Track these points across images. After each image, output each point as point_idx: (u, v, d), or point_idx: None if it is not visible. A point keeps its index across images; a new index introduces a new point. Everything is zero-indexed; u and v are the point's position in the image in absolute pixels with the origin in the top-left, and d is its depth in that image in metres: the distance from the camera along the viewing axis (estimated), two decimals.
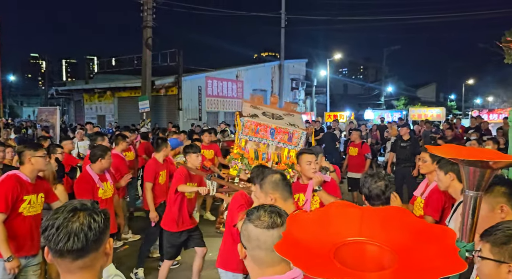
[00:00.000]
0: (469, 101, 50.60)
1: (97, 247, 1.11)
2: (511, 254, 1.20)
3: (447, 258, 0.70)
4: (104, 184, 3.82)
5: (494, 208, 1.67)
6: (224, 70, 22.02)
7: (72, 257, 1.07)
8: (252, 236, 1.24)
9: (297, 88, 26.28)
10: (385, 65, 41.28)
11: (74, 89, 24.40)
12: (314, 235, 0.80)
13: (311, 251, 0.75)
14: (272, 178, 2.10)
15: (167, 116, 18.61)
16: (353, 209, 0.88)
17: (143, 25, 15.38)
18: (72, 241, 1.05)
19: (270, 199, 2.04)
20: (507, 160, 1.45)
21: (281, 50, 23.65)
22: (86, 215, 1.09)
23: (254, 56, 62.48)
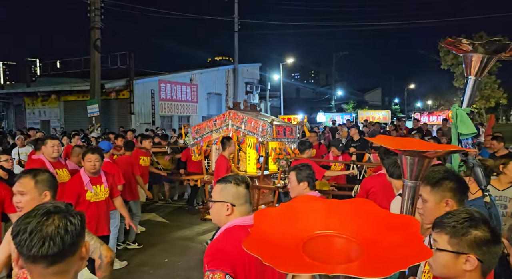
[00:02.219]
0: (412, 104, 54.02)
1: (74, 251, 1.04)
2: (469, 244, 1.23)
3: (412, 246, 0.73)
4: (96, 187, 3.75)
5: (441, 201, 1.75)
6: (178, 74, 21.64)
7: (46, 262, 0.99)
8: (241, 194, 1.82)
9: (252, 92, 26.48)
10: (334, 70, 42.91)
11: (14, 92, 22.67)
12: (281, 230, 0.80)
13: (279, 246, 0.74)
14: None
15: (118, 120, 17.88)
16: (319, 202, 0.89)
17: (90, 26, 14.71)
18: (47, 246, 0.98)
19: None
20: (444, 150, 1.56)
21: (235, 54, 23.73)
22: (62, 218, 1.02)
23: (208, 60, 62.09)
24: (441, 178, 1.77)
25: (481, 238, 1.23)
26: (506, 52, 2.03)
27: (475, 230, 1.24)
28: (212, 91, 23.59)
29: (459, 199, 1.77)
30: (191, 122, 21.20)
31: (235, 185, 1.81)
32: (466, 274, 1.24)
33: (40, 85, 22.24)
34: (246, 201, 1.84)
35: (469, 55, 2.06)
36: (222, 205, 1.80)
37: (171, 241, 5.96)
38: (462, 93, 2.27)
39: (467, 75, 2.14)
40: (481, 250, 1.23)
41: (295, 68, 77.96)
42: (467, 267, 1.23)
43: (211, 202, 1.85)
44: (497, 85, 33.16)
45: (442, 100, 42.08)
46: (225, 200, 1.80)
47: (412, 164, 1.33)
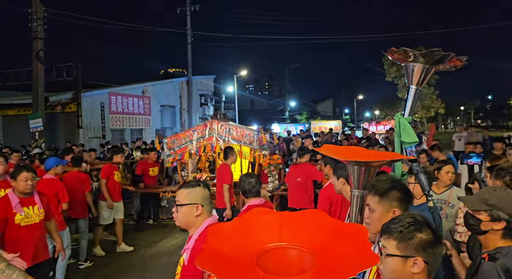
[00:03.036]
0: (361, 114, 56.69)
1: None
2: (416, 247, 1.29)
3: (361, 254, 0.75)
4: (28, 209, 3.38)
5: (388, 211, 1.79)
6: (129, 86, 21.00)
7: None
8: (206, 195, 2.04)
9: (206, 104, 26.36)
10: (287, 82, 44.00)
11: None
12: (234, 244, 0.79)
13: (233, 261, 0.73)
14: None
15: (64, 135, 16.92)
16: (272, 215, 0.90)
17: (32, 36, 13.89)
18: None
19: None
20: (388, 159, 1.62)
21: (189, 66, 23.56)
22: None
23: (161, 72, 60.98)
24: (389, 188, 1.81)
25: (426, 240, 1.29)
26: (444, 63, 2.15)
27: (420, 233, 1.30)
28: (166, 103, 23.16)
29: (405, 208, 1.82)
30: (144, 136, 20.60)
31: (202, 188, 2.04)
32: (414, 277, 1.28)
33: None
34: (210, 201, 2.09)
35: (411, 65, 2.15)
36: (192, 207, 1.99)
37: (128, 261, 5.68)
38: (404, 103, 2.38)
39: (409, 85, 2.22)
40: (426, 252, 1.28)
41: (249, 80, 78.91)
42: (415, 269, 1.27)
43: (180, 206, 2.00)
44: (435, 96, 35.78)
45: (388, 110, 44.61)
46: (195, 202, 1.99)
47: (358, 173, 1.36)
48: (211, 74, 28.78)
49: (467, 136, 10.54)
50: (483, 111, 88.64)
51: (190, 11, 22.47)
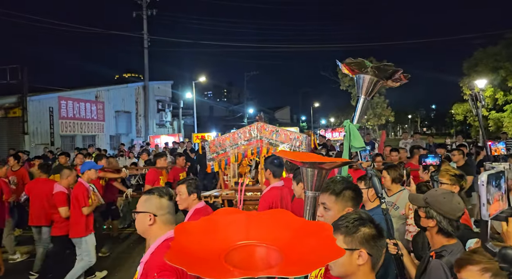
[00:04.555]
0: (317, 121, 58.34)
1: None
2: (360, 240, 1.39)
3: (326, 247, 0.78)
4: None
5: (343, 209, 1.90)
6: (81, 90, 20.08)
7: None
8: (163, 205, 1.95)
9: (164, 110, 25.82)
10: (246, 89, 44.33)
11: None
12: (202, 242, 0.79)
13: (201, 258, 0.74)
14: None
15: (8, 141, 15.78)
16: (239, 214, 0.91)
17: None
18: None
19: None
20: (339, 162, 1.73)
21: (145, 71, 23.00)
22: None
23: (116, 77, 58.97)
24: (344, 188, 1.93)
25: (369, 233, 1.41)
26: (391, 80, 2.35)
27: (363, 228, 1.41)
28: (121, 109, 22.42)
29: (357, 207, 1.96)
30: (97, 142, 19.77)
31: (158, 196, 1.95)
32: (359, 269, 1.37)
33: None
34: (168, 211, 1.96)
35: (362, 77, 2.34)
36: (145, 215, 1.91)
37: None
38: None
39: (358, 95, 2.42)
40: (369, 245, 1.39)
41: (208, 87, 78.53)
42: (360, 261, 1.37)
43: (135, 213, 1.95)
44: (386, 104, 37.71)
45: (342, 117, 46.29)
46: (148, 211, 1.91)
47: (312, 175, 1.44)
48: (169, 80, 28.30)
49: (412, 143, 11.19)
50: (428, 119, 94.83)
51: (147, 15, 22.02)
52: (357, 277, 1.37)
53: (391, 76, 2.31)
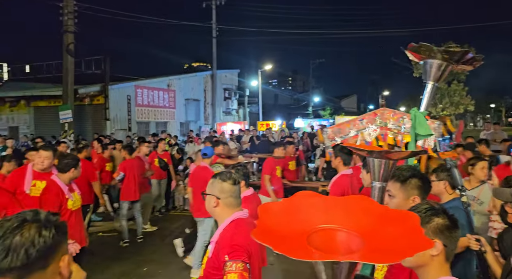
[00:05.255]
0: None
1: (44, 266, 0.95)
2: (434, 230, 1.33)
3: (413, 238, 0.75)
4: (73, 195, 3.64)
5: (408, 198, 1.85)
6: (155, 79, 21.36)
7: (12, 275, 0.92)
8: (225, 189, 2.01)
9: (230, 98, 26.49)
10: (311, 77, 43.58)
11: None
12: (284, 222, 0.81)
13: (285, 238, 0.75)
14: None
15: (92, 126, 17.43)
16: (317, 198, 0.91)
17: (63, 30, 14.32)
18: (10, 258, 0.90)
19: None
20: (407, 152, 1.64)
21: (213, 60, 23.70)
22: (33, 228, 0.95)
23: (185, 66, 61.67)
24: (410, 175, 1.87)
25: (442, 224, 1.35)
26: (462, 63, 2.16)
27: (437, 218, 1.36)
28: (190, 97, 23.44)
29: (424, 197, 1.88)
30: (169, 129, 20.95)
31: (220, 181, 2.04)
32: (433, 259, 1.32)
33: (8, 90, 21.41)
34: (231, 195, 2.04)
35: (429, 62, 2.19)
36: (210, 197, 2.03)
37: (149, 251, 5.84)
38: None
39: (426, 81, 2.27)
40: (444, 235, 1.33)
41: (273, 75, 78.73)
42: (434, 252, 1.31)
43: (204, 195, 2.08)
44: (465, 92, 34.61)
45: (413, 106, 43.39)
46: (212, 193, 2.02)
47: (379, 165, 1.39)
48: (235, 68, 28.86)
49: (491, 134, 10.19)
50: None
51: (216, 5, 22.56)
52: (431, 268, 1.32)
53: (461, 59, 2.13)
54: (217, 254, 1.83)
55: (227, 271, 1.74)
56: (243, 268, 1.73)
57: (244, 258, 1.78)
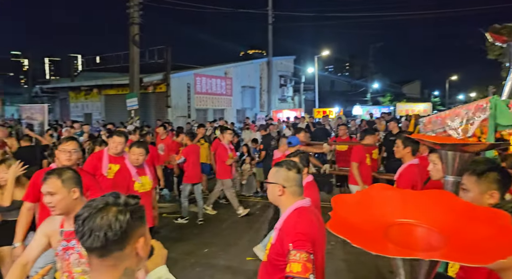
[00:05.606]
0: (453, 97, 51.60)
1: (121, 247, 1.04)
2: None
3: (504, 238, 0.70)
4: (142, 178, 3.91)
5: (485, 192, 1.71)
6: (212, 67, 21.89)
7: (94, 254, 1.03)
8: (291, 177, 2.02)
9: (286, 85, 26.33)
10: (370, 62, 41.70)
11: (60, 87, 23.89)
12: (359, 215, 0.80)
13: (360, 230, 0.75)
14: None
15: (155, 113, 18.41)
16: (394, 191, 0.89)
17: (129, 22, 15.11)
18: (92, 239, 1.00)
19: None
20: (485, 144, 1.49)
21: (269, 47, 23.63)
22: (112, 212, 1.03)
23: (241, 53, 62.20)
24: (488, 169, 1.73)
25: None
26: None
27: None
28: (246, 84, 23.69)
29: (503, 192, 1.74)
30: (225, 116, 21.44)
31: (286, 169, 2.05)
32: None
33: (82, 79, 23.31)
34: (296, 184, 2.06)
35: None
36: (274, 186, 2.04)
37: (211, 233, 6.10)
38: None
39: (510, 66, 2.08)
40: None
41: (329, 61, 76.61)
42: None
43: (266, 183, 2.11)
44: None
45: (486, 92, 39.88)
46: (276, 182, 2.03)
47: (453, 159, 1.29)
48: (291, 55, 28.55)
49: None
50: None
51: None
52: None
53: None
54: (281, 241, 1.87)
55: (290, 260, 1.76)
56: (307, 259, 1.75)
57: (308, 248, 1.79)
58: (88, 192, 2.90)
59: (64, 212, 2.10)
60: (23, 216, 3.04)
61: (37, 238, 2.17)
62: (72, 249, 2.09)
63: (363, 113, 21.18)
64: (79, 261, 2.08)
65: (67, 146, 3.14)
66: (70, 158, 3.14)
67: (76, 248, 2.09)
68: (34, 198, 3.03)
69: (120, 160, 4.19)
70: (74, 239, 2.10)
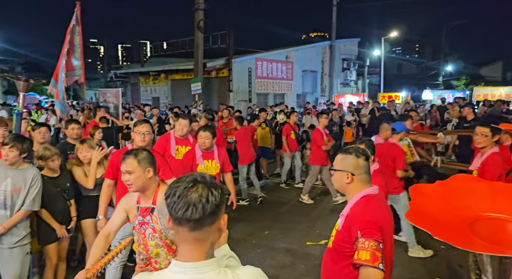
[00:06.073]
0: None
1: (212, 221, 1.12)
2: None
3: None
4: (207, 162, 4.06)
5: None
6: (273, 52, 21.80)
7: (189, 226, 1.10)
8: (360, 165, 1.97)
9: (349, 69, 25.43)
10: (444, 42, 38.46)
11: (131, 72, 25.53)
12: (440, 207, 0.76)
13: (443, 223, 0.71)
14: None
15: (218, 97, 18.92)
16: (481, 183, 0.82)
17: (195, 8, 15.52)
18: (190, 211, 1.08)
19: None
20: None
21: (333, 29, 22.86)
22: (205, 188, 1.12)
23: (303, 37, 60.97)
24: None
25: None
26: None
27: None
28: (308, 68, 23.30)
29: None
30: (286, 100, 21.37)
31: (355, 156, 2.00)
32: None
33: (151, 65, 24.63)
34: (365, 171, 2.01)
35: None
36: (342, 173, 2.00)
37: (271, 216, 6.22)
38: None
39: None
40: None
41: (397, 42, 72.13)
42: None
43: (332, 170, 2.06)
44: None
45: None
46: (345, 169, 1.99)
47: None
48: (356, 37, 27.36)
49: None
50: None
51: None
52: None
53: None
54: (348, 228, 1.84)
55: (358, 247, 1.74)
56: (376, 247, 1.71)
57: (378, 237, 1.75)
58: (160, 172, 3.10)
59: (140, 189, 2.27)
60: (104, 191, 3.35)
61: (117, 212, 2.38)
62: (147, 224, 2.26)
63: (433, 98, 19.75)
64: (153, 235, 2.25)
65: (141, 128, 3.37)
66: (144, 139, 3.37)
67: (150, 223, 2.26)
68: (113, 175, 3.32)
69: (186, 142, 4.41)
70: (149, 215, 2.27)
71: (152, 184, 2.30)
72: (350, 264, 1.80)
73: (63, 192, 3.45)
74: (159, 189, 2.32)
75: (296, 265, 4.35)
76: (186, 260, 1.11)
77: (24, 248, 3.05)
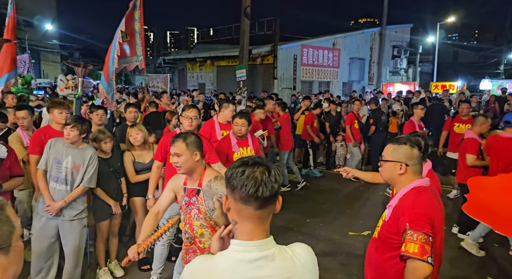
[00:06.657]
0: None
1: (275, 200, 1.16)
2: None
3: None
4: (242, 149, 4.07)
5: None
6: (320, 38, 21.33)
7: (256, 205, 1.12)
8: (414, 155, 1.92)
9: (399, 56, 24.27)
10: (508, 27, 35.39)
11: (178, 58, 26.21)
12: (502, 200, 0.72)
13: (504, 216, 0.68)
14: None
15: (262, 84, 18.93)
16: None
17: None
18: (261, 189, 1.11)
19: None
20: None
21: (383, 15, 21.87)
22: (269, 168, 1.15)
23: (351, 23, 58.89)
24: None
25: None
26: None
27: None
28: (355, 56, 22.57)
29: None
30: (331, 88, 20.92)
31: (409, 147, 1.94)
32: None
33: (198, 51, 25.10)
34: (418, 162, 1.95)
35: None
36: (395, 164, 1.94)
37: (313, 204, 6.21)
38: None
39: None
40: None
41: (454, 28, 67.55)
42: None
43: (383, 161, 2.00)
44: None
45: None
46: (398, 160, 1.92)
47: None
48: (408, 23, 25.97)
49: None
50: None
51: None
52: None
53: None
54: (396, 219, 1.80)
55: (406, 240, 1.70)
56: (425, 241, 1.66)
57: (427, 230, 1.70)
58: (206, 156, 3.19)
59: (187, 171, 2.36)
60: (154, 172, 3.52)
61: (166, 192, 2.50)
62: (193, 205, 2.35)
63: (492, 88, 18.37)
64: (198, 216, 2.34)
65: (189, 112, 3.47)
66: (191, 123, 3.47)
67: (196, 204, 2.35)
68: (162, 158, 3.47)
69: (229, 127, 4.47)
70: (195, 196, 2.36)
71: (198, 167, 2.37)
72: (396, 255, 1.77)
73: (115, 172, 3.67)
74: (205, 172, 2.39)
75: (337, 254, 4.33)
76: (249, 239, 1.13)
77: (82, 221, 3.30)
